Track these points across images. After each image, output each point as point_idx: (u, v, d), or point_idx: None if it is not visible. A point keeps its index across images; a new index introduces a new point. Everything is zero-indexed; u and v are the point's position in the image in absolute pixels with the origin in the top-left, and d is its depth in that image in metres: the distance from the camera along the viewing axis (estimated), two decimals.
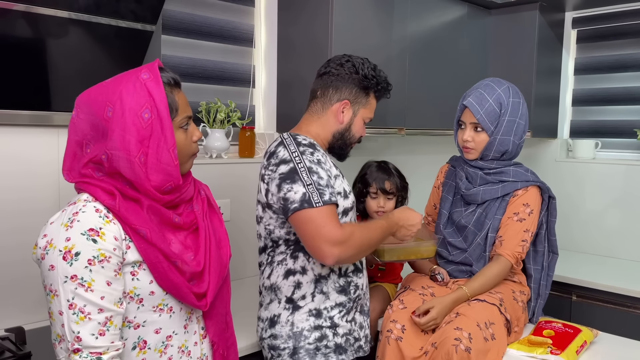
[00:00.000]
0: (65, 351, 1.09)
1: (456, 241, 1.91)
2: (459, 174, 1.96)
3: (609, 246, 3.01)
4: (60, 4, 1.63)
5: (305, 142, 1.54)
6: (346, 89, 1.62)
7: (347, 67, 1.63)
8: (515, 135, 1.84)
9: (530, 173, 1.89)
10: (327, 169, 1.52)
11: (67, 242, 1.08)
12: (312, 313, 1.55)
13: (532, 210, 1.83)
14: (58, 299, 1.08)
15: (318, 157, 1.51)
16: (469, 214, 1.89)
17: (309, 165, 1.47)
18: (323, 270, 1.56)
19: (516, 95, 1.85)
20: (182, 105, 1.22)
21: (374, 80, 1.65)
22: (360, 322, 1.65)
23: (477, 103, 1.83)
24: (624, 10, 2.98)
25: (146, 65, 1.20)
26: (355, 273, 1.62)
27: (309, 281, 1.55)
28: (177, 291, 1.20)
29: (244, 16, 2.40)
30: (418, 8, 2.55)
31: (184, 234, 1.25)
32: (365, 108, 1.67)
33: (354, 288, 1.61)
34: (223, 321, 1.35)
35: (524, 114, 1.86)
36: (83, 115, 1.17)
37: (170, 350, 1.24)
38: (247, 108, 2.43)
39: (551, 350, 1.64)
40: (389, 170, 2.03)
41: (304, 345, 1.53)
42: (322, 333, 1.55)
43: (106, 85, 1.17)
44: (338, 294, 1.57)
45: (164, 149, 1.16)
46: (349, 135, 1.66)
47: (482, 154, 1.87)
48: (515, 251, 1.80)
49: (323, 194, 1.44)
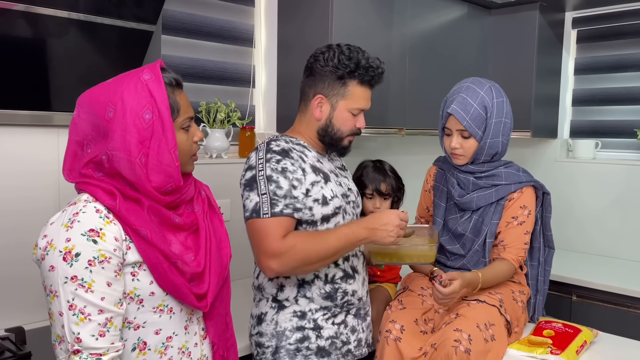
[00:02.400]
0: (66, 352, 1.09)
1: (454, 248, 1.89)
2: (450, 180, 1.91)
3: (609, 246, 3.01)
4: (60, 4, 1.63)
5: (277, 149, 1.51)
6: (319, 82, 1.57)
7: (320, 59, 1.56)
8: (503, 135, 1.80)
9: (522, 172, 1.87)
10: (296, 177, 1.49)
11: (67, 242, 1.08)
12: (297, 314, 1.55)
13: (529, 212, 1.82)
14: (58, 299, 1.08)
15: (285, 165, 1.48)
16: (465, 221, 1.86)
17: (269, 174, 1.46)
18: (307, 276, 1.55)
19: (499, 94, 1.80)
20: (184, 106, 1.22)
21: (348, 67, 1.54)
22: (352, 326, 1.62)
23: (461, 110, 1.76)
24: (624, 10, 2.98)
25: (148, 65, 1.20)
26: (345, 279, 1.58)
27: (292, 285, 1.55)
28: (177, 292, 1.20)
29: (244, 16, 2.40)
30: (418, 8, 2.55)
31: (184, 234, 1.24)
32: (346, 99, 1.57)
33: (342, 294, 1.58)
34: (223, 322, 1.34)
35: (509, 112, 1.82)
36: (84, 115, 1.17)
37: (171, 352, 1.23)
38: (247, 108, 2.43)
39: (551, 350, 1.64)
40: (384, 171, 2.02)
41: (285, 345, 1.54)
42: (304, 334, 1.54)
43: (108, 86, 1.17)
44: (323, 299, 1.55)
45: (165, 150, 1.16)
46: (333, 130, 1.59)
47: (473, 158, 1.83)
48: (519, 255, 1.81)
49: (275, 205, 1.44)
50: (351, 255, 1.61)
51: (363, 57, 1.56)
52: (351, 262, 1.61)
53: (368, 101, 1.61)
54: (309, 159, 1.57)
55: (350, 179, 1.73)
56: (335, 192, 1.56)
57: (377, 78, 1.59)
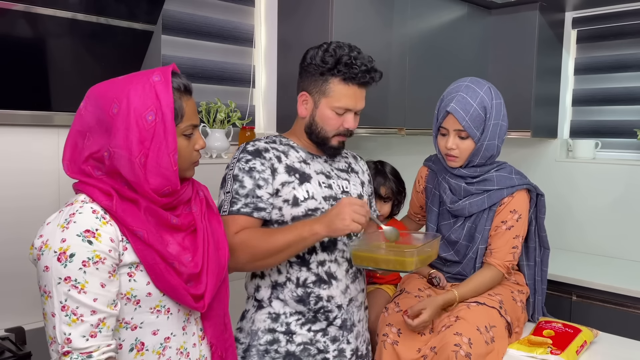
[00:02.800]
0: (57, 353, 1.09)
1: (448, 255, 1.87)
2: (442, 185, 1.88)
3: (609, 246, 3.01)
4: (60, 4, 1.63)
5: (251, 149, 1.53)
6: (305, 79, 1.56)
7: (307, 57, 1.56)
8: (499, 138, 1.78)
9: (515, 174, 1.82)
10: (263, 177, 1.50)
11: (62, 243, 1.08)
12: (271, 316, 1.55)
13: (520, 216, 1.78)
14: (51, 300, 1.08)
15: (254, 165, 1.50)
16: (458, 228, 1.84)
17: (236, 173, 1.51)
18: (279, 278, 1.55)
19: (497, 96, 1.77)
20: (189, 113, 1.22)
21: (328, 64, 1.50)
22: (335, 336, 1.56)
23: (461, 109, 1.72)
24: (624, 10, 2.98)
25: (160, 67, 1.21)
26: (318, 284, 1.54)
27: (266, 286, 1.57)
28: (174, 293, 1.20)
29: (244, 16, 2.40)
30: (418, 8, 2.55)
31: (182, 235, 1.24)
32: (328, 97, 1.52)
33: (316, 299, 1.53)
34: (221, 323, 1.34)
35: (505, 115, 1.79)
36: (90, 108, 1.17)
37: (169, 352, 1.23)
38: (247, 108, 2.43)
39: (551, 350, 1.64)
40: (385, 173, 2.00)
41: (256, 344, 1.55)
42: (275, 337, 1.54)
43: (117, 82, 1.18)
44: (296, 303, 1.54)
45: (165, 153, 1.16)
46: (317, 128, 1.56)
47: (468, 160, 1.79)
48: (505, 260, 1.77)
49: (235, 203, 1.48)
50: (328, 261, 1.55)
51: (346, 53, 1.50)
52: (327, 267, 1.55)
53: (354, 100, 1.54)
54: (289, 160, 1.56)
55: (355, 182, 1.67)
56: (311, 194, 1.54)
57: (362, 75, 1.51)
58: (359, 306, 1.65)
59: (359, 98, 1.55)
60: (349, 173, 1.68)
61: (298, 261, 1.54)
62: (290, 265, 1.54)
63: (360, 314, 1.65)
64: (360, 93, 1.55)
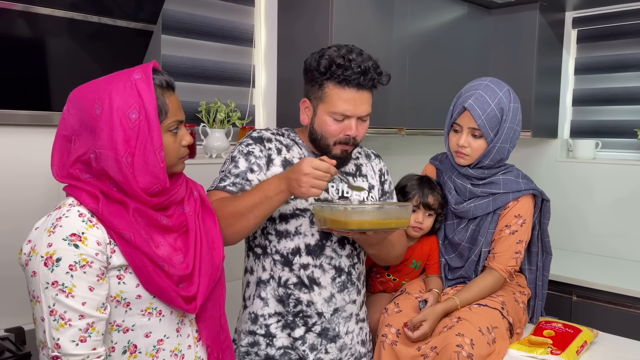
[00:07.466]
0: (47, 358, 1.08)
1: (451, 258, 1.86)
2: (447, 185, 1.86)
3: (609, 246, 3.01)
4: (59, 4, 1.63)
5: (255, 136, 1.54)
6: (306, 85, 1.52)
7: (306, 62, 1.51)
8: (511, 142, 1.76)
9: (522, 178, 1.80)
10: (258, 163, 1.49)
11: (48, 247, 1.07)
12: (251, 317, 1.54)
13: (524, 221, 1.76)
14: (40, 305, 1.07)
15: (252, 149, 1.51)
16: (461, 229, 1.82)
17: (234, 155, 1.51)
18: (263, 275, 1.53)
19: (515, 99, 1.76)
20: (173, 109, 1.21)
21: (320, 68, 1.43)
22: (312, 344, 1.51)
23: (478, 107, 1.69)
24: (624, 10, 2.98)
25: (141, 65, 1.20)
26: (299, 287, 1.50)
27: (253, 282, 1.56)
28: (164, 295, 1.18)
29: (244, 16, 2.40)
30: (418, 8, 2.55)
31: (174, 236, 1.23)
32: (324, 102, 1.45)
33: (295, 302, 1.50)
34: (217, 324, 1.32)
35: (520, 120, 1.77)
36: (73, 111, 1.17)
37: (163, 354, 1.22)
38: (247, 108, 2.43)
39: (551, 350, 1.64)
40: (432, 183, 1.88)
41: (239, 346, 1.56)
42: (255, 340, 1.53)
43: (98, 83, 1.17)
44: (277, 302, 1.52)
45: (151, 151, 1.15)
46: (317, 136, 1.51)
47: (477, 160, 1.77)
48: (508, 265, 1.76)
49: (224, 180, 1.47)
50: (312, 265, 1.50)
51: (340, 55, 1.42)
52: (310, 271, 1.50)
53: (353, 105, 1.44)
54: (289, 154, 1.54)
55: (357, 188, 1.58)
56: None
57: (358, 77, 1.41)
58: (347, 318, 1.57)
59: (358, 102, 1.44)
60: (356, 177, 1.62)
61: (282, 260, 1.51)
62: (274, 263, 1.52)
63: (349, 326, 1.57)
64: (360, 97, 1.44)
